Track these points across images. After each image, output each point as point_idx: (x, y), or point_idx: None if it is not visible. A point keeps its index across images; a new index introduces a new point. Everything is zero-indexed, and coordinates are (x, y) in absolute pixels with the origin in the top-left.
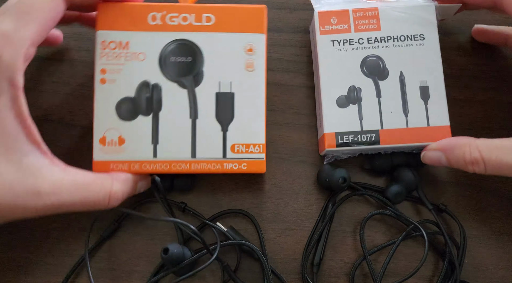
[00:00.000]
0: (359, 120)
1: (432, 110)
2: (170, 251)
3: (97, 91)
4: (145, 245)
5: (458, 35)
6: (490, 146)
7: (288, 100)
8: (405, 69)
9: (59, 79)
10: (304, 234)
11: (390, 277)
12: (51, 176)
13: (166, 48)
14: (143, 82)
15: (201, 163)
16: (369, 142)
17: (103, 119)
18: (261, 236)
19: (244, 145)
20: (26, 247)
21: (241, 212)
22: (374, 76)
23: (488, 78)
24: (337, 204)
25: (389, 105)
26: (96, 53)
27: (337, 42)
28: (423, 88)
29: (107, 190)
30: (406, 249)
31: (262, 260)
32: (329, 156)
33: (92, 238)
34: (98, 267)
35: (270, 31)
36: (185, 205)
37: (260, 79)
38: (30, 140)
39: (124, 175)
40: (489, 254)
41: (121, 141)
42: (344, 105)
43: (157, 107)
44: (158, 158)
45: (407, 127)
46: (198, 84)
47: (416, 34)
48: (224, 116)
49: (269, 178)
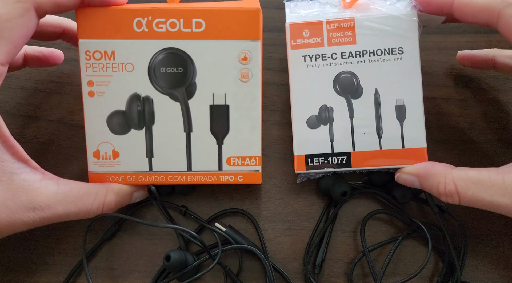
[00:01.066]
0: (330, 142)
1: (408, 131)
2: (172, 258)
3: (86, 105)
4: (145, 245)
5: (459, 35)
6: (467, 180)
7: (288, 100)
8: (381, 87)
9: (59, 79)
10: (304, 234)
11: (390, 277)
12: (44, 190)
13: (155, 58)
14: (134, 95)
15: (197, 176)
16: (340, 165)
17: (94, 133)
18: (261, 235)
19: (240, 158)
20: (26, 247)
21: (240, 212)
22: (347, 94)
23: (488, 78)
24: (340, 204)
25: (362, 126)
26: (81, 63)
27: (309, 57)
28: (399, 107)
29: (100, 201)
30: (406, 248)
31: (264, 261)
32: (301, 176)
33: (93, 238)
34: (98, 267)
35: (270, 31)
36: (186, 209)
37: (256, 89)
38: (17, 158)
39: (118, 185)
40: (489, 254)
41: (115, 155)
42: (314, 126)
43: (150, 120)
44: (153, 170)
45: (381, 149)
46: (191, 97)
47: (395, 47)
48: (219, 129)
49: (269, 178)
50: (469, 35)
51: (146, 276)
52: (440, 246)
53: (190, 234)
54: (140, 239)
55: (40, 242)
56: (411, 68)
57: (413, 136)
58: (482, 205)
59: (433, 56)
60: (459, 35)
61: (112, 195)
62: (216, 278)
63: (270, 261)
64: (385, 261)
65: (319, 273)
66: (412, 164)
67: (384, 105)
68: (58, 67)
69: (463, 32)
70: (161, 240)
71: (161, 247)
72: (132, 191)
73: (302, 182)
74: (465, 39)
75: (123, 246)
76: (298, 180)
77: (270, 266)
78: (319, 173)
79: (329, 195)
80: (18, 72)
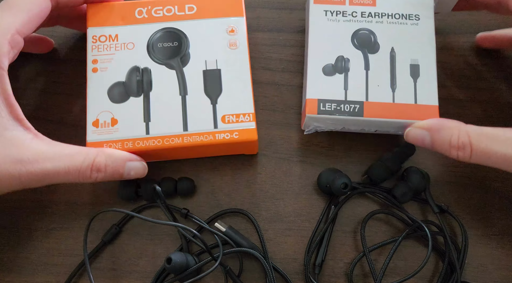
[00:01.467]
0: (344, 90)
1: (421, 88)
2: (173, 260)
3: (89, 79)
4: (145, 245)
5: (458, 35)
6: (481, 134)
7: (288, 100)
8: (397, 46)
9: (59, 79)
10: (304, 234)
11: (390, 277)
12: (34, 146)
13: (153, 36)
14: (133, 67)
15: (193, 136)
16: (352, 113)
17: (95, 103)
18: (261, 236)
19: (234, 115)
20: (26, 248)
21: (240, 212)
22: (364, 48)
23: (488, 78)
24: (340, 204)
25: (376, 79)
26: (88, 46)
27: (330, 12)
28: (414, 66)
29: (90, 160)
30: (406, 249)
31: (264, 264)
32: (310, 126)
33: (93, 239)
34: (98, 267)
35: (270, 31)
36: (187, 212)
37: (244, 55)
38: (13, 116)
39: (110, 150)
40: (490, 254)
41: (114, 122)
42: (330, 74)
43: (148, 88)
44: (150, 134)
45: (394, 102)
46: (186, 65)
47: (412, 14)
48: (213, 90)
49: (269, 178)
50: (469, 35)
51: (146, 277)
52: (440, 246)
53: (192, 234)
54: (141, 239)
55: (40, 242)
56: (426, 34)
57: (426, 94)
58: (496, 158)
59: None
60: (459, 35)
61: (103, 156)
62: (217, 278)
63: (270, 261)
64: (385, 261)
65: (319, 273)
66: (424, 120)
67: (399, 63)
68: (58, 67)
69: (463, 32)
70: (161, 241)
71: (162, 248)
72: (126, 158)
73: (309, 133)
74: (465, 39)
75: (123, 246)
76: (306, 131)
77: (270, 268)
78: (329, 123)
79: (329, 192)
80: (18, 72)
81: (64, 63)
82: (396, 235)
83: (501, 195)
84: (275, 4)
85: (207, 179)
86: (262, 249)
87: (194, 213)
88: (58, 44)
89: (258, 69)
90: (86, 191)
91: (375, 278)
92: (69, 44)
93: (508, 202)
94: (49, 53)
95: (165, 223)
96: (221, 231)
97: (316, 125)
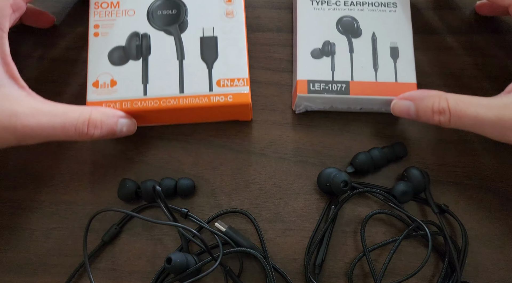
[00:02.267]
0: (331, 71)
1: (401, 68)
2: (173, 260)
3: (91, 43)
4: (145, 245)
5: (458, 35)
6: (458, 99)
7: (288, 100)
8: (378, 31)
9: (59, 79)
10: (304, 234)
11: (390, 277)
12: (29, 102)
13: (153, 4)
14: (133, 33)
15: (189, 98)
16: (339, 91)
17: (96, 65)
18: (261, 236)
19: (229, 80)
20: (25, 248)
21: (240, 212)
22: (348, 34)
23: (488, 77)
24: (340, 204)
25: (360, 60)
26: (90, 12)
27: (316, 2)
28: (393, 49)
29: (86, 117)
30: (406, 249)
31: (264, 264)
32: (301, 105)
33: (92, 239)
34: (98, 268)
35: (270, 31)
36: (187, 211)
37: (240, 23)
38: (9, 74)
39: (103, 108)
40: (490, 254)
41: (113, 83)
42: (318, 57)
43: (146, 52)
44: (148, 96)
45: (376, 81)
46: (183, 31)
47: (390, 2)
48: (209, 56)
49: (269, 178)
50: (469, 35)
51: (147, 277)
52: (440, 246)
53: (192, 234)
54: (140, 239)
55: (40, 243)
56: (403, 19)
57: (405, 73)
58: (468, 120)
59: (433, 56)
60: (459, 35)
61: (98, 113)
62: (217, 278)
63: (270, 261)
64: (385, 261)
65: (319, 273)
66: None
67: (380, 46)
68: (58, 67)
69: (463, 32)
70: (161, 241)
71: (161, 248)
72: (118, 115)
73: (300, 112)
74: (465, 39)
75: (123, 247)
76: (297, 110)
77: (270, 268)
78: (319, 102)
79: (329, 191)
80: (18, 72)
81: (64, 63)
82: (396, 235)
83: (501, 195)
84: (275, 4)
85: (207, 179)
86: (262, 249)
87: (194, 213)
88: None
89: (258, 69)
90: (86, 191)
91: (375, 278)
92: (70, 44)
93: (508, 202)
94: (49, 53)
95: (165, 223)
96: (221, 231)
97: (307, 104)
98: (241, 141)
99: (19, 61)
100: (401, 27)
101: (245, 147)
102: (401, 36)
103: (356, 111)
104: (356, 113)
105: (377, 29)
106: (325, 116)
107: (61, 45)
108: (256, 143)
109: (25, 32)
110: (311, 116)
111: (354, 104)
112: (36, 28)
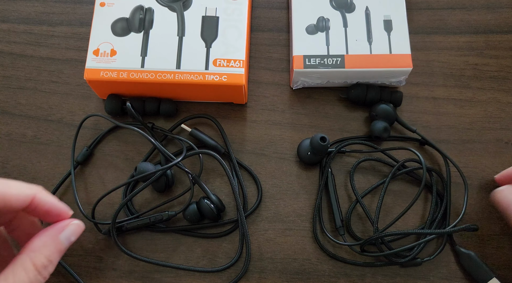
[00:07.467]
0: (326, 46)
1: (395, 40)
2: (138, 167)
3: (96, 13)
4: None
5: (458, 35)
6: None
7: (288, 100)
8: (371, 5)
9: (59, 79)
10: (304, 234)
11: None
12: None
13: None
14: (138, 6)
15: (185, 74)
16: (335, 65)
17: (98, 34)
18: (225, 136)
19: (225, 60)
20: None
21: (205, 117)
22: (342, 9)
23: (488, 78)
24: (331, 157)
25: (354, 34)
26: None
27: None
28: (387, 22)
29: (31, 266)
30: (394, 188)
31: (220, 161)
32: (298, 81)
33: None
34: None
35: (270, 31)
36: (152, 125)
37: (244, 6)
38: None
39: (36, 240)
40: (490, 255)
41: (113, 53)
42: (313, 32)
43: (149, 26)
44: (145, 68)
45: (371, 54)
46: (187, 9)
47: None
48: (209, 35)
49: (269, 178)
50: (469, 35)
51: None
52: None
53: (153, 141)
54: (111, 159)
55: None
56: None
57: (399, 45)
58: None
59: (433, 56)
60: (459, 35)
61: (38, 254)
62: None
63: (234, 157)
64: (378, 203)
65: (344, 234)
66: (398, 67)
67: (374, 19)
68: (58, 67)
69: (463, 32)
70: (132, 160)
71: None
72: (55, 234)
73: (297, 88)
74: (464, 39)
75: (97, 164)
76: (295, 86)
77: (235, 163)
78: (316, 77)
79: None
80: (18, 72)
81: (64, 63)
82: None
83: None
84: (275, 4)
85: (206, 179)
86: (226, 147)
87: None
88: (58, 44)
89: (258, 69)
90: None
91: (371, 221)
92: (70, 44)
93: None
94: (49, 53)
95: (131, 128)
96: (187, 131)
97: (303, 80)
98: (241, 141)
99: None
100: (394, 0)
101: (245, 147)
102: (394, 9)
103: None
104: (356, 113)
105: (370, 3)
106: (326, 117)
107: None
108: (256, 143)
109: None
110: (311, 116)
111: (350, 77)
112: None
